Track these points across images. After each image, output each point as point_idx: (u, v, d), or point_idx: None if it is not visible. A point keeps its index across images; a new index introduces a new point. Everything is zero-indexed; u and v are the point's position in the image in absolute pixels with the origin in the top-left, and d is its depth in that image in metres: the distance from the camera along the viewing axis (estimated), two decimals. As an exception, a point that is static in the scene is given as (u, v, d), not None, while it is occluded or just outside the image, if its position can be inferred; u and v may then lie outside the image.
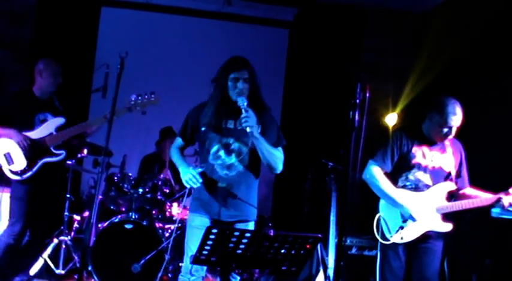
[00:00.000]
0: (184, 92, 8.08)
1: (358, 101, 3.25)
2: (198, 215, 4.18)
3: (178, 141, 4.44)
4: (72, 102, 7.42)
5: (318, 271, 6.37)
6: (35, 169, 5.20)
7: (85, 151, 6.43)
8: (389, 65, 8.36)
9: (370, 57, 8.51)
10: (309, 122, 8.38)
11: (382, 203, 4.70)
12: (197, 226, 4.11)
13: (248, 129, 3.95)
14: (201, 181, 4.08)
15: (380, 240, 4.64)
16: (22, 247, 5.42)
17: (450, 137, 4.58)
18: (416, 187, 4.61)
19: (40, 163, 5.23)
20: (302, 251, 3.34)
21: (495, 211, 5.26)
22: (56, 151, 5.31)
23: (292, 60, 8.81)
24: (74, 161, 6.32)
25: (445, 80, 6.83)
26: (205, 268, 4.18)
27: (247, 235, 3.21)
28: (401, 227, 4.55)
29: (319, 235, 3.34)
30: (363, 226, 7.14)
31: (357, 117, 3.25)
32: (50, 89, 5.45)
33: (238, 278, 4.20)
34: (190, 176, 4.06)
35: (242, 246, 3.23)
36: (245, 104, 4.00)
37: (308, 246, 3.30)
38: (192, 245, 4.09)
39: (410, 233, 4.55)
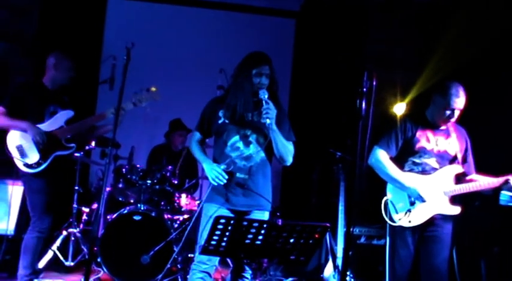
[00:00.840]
0: (192, 83, 8.10)
1: (365, 89, 3.24)
2: (214, 205, 4.21)
3: (197, 135, 4.47)
4: (79, 94, 7.48)
5: (327, 261, 6.38)
6: (48, 161, 5.19)
7: (93, 143, 6.45)
8: (396, 55, 8.32)
9: (376, 47, 8.47)
10: (316, 112, 8.37)
11: (389, 186, 4.73)
12: (213, 216, 4.11)
13: (268, 121, 4.01)
14: (227, 177, 4.12)
15: (388, 222, 4.67)
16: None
17: (453, 120, 4.61)
18: (424, 171, 4.64)
19: (53, 156, 5.22)
20: (310, 241, 3.34)
21: (503, 199, 5.27)
22: (67, 144, 5.32)
23: (299, 51, 8.79)
24: (82, 153, 6.33)
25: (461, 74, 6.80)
26: (218, 258, 4.20)
27: (256, 224, 3.21)
28: (409, 210, 4.57)
29: (327, 224, 3.34)
30: (372, 216, 7.13)
31: (363, 106, 3.23)
32: (62, 82, 5.43)
33: (250, 272, 4.19)
34: (216, 174, 4.11)
35: (250, 236, 3.23)
36: (266, 96, 4.07)
37: (316, 235, 3.30)
38: (204, 231, 4.15)
39: (418, 217, 4.57)
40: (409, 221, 4.57)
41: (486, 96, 6.31)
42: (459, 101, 4.51)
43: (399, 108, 7.53)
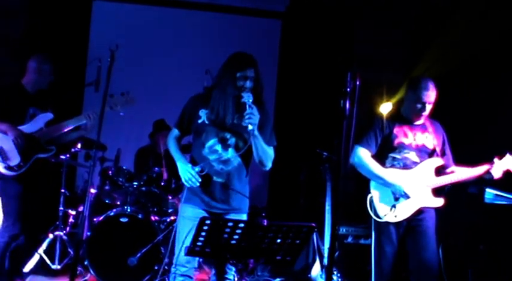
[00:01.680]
0: (178, 85, 8.09)
1: (348, 89, 3.25)
2: (190, 206, 4.16)
3: (175, 132, 4.40)
4: (64, 97, 7.46)
5: (314, 261, 6.39)
6: (28, 164, 5.14)
7: (79, 145, 6.43)
8: (382, 55, 8.36)
9: (362, 47, 8.50)
10: (303, 112, 8.40)
11: (372, 183, 4.77)
12: (189, 217, 4.09)
13: (250, 127, 3.95)
14: (200, 180, 4.07)
15: (374, 218, 4.70)
16: (19, 246, 5.39)
17: (425, 113, 4.70)
18: (405, 165, 4.71)
19: (33, 158, 5.17)
20: (297, 241, 3.35)
21: (488, 197, 5.31)
22: (47, 146, 5.26)
23: (285, 51, 8.80)
24: (67, 155, 6.31)
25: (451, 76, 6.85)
26: (197, 259, 4.18)
27: (241, 225, 3.21)
28: (394, 206, 4.63)
29: (313, 224, 3.34)
30: (358, 215, 7.16)
31: (348, 106, 3.24)
32: (42, 86, 5.40)
33: (234, 269, 4.19)
34: (190, 176, 4.07)
35: (236, 236, 3.23)
36: (250, 100, 4.00)
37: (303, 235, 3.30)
38: (182, 235, 4.09)
39: (403, 211, 4.63)
40: (395, 216, 4.63)
41: (478, 98, 6.36)
42: (429, 95, 4.60)
43: (385, 108, 7.56)
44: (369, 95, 7.31)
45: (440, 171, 4.79)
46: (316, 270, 6.29)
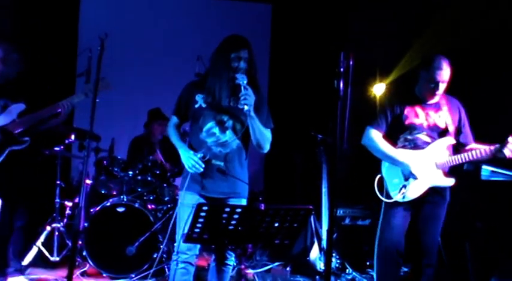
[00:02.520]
0: (170, 72, 8.06)
1: (342, 70, 3.22)
2: (189, 193, 4.14)
3: (174, 119, 4.38)
4: (57, 88, 7.42)
5: (312, 243, 6.41)
6: (2, 157, 4.99)
7: (72, 137, 6.39)
8: (375, 36, 8.32)
9: (356, 28, 8.47)
10: (296, 95, 8.39)
11: (384, 164, 4.76)
12: (189, 204, 4.07)
13: (246, 107, 3.93)
14: (203, 166, 4.06)
15: (384, 199, 4.69)
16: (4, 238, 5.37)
17: (438, 92, 4.63)
18: (416, 146, 4.67)
19: (6, 151, 5.01)
20: (295, 224, 3.34)
21: (485, 174, 5.30)
22: (21, 137, 5.09)
23: (277, 35, 8.78)
24: (62, 147, 6.27)
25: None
26: (198, 246, 4.15)
27: (238, 210, 3.20)
28: (404, 186, 4.61)
29: (310, 207, 3.33)
30: (355, 196, 7.18)
31: (341, 86, 3.22)
32: (11, 76, 5.22)
33: (233, 259, 4.18)
34: (193, 162, 4.05)
35: (233, 222, 3.22)
36: (245, 82, 3.99)
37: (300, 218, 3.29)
38: (181, 221, 4.09)
39: (413, 191, 4.61)
40: (403, 197, 4.61)
41: (479, 84, 6.31)
42: (442, 74, 4.54)
43: (378, 89, 7.57)
44: (363, 76, 7.34)
45: (457, 149, 4.75)
46: (314, 253, 6.31)
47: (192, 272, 4.14)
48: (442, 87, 4.60)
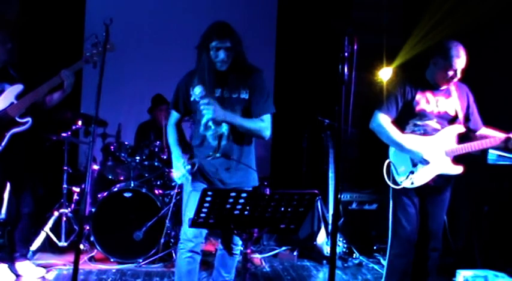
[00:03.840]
0: (175, 58, 8.00)
1: (346, 54, 3.20)
2: (194, 181, 4.09)
3: (174, 115, 4.31)
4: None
5: (319, 228, 6.42)
6: (4, 143, 4.99)
7: (79, 122, 6.41)
8: (381, 21, 8.29)
9: (361, 13, 8.43)
10: (303, 81, 8.37)
11: (391, 149, 4.73)
12: (194, 191, 4.05)
13: (208, 117, 3.88)
14: (190, 178, 4.04)
15: (391, 185, 4.68)
16: (9, 222, 5.41)
17: (455, 80, 4.59)
18: (425, 132, 4.64)
19: (8, 135, 5.02)
20: (300, 208, 3.34)
21: (491, 158, 5.29)
22: (21, 119, 5.06)
23: (283, 20, 8.74)
24: (69, 133, 6.29)
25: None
26: (204, 233, 4.13)
27: (244, 195, 3.20)
28: (412, 172, 4.60)
29: (316, 191, 3.33)
30: (362, 181, 7.19)
31: (346, 71, 3.20)
32: (2, 57, 5.15)
33: (240, 243, 4.18)
34: (180, 175, 4.04)
35: (239, 206, 3.22)
36: (203, 94, 3.89)
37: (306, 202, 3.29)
38: (188, 210, 4.04)
39: (420, 177, 4.59)
40: (412, 183, 4.60)
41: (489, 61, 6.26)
42: (460, 61, 4.49)
43: (385, 73, 7.53)
44: (370, 61, 7.31)
45: (466, 137, 4.72)
46: (321, 238, 6.33)
47: (198, 261, 4.14)
48: (459, 74, 4.58)
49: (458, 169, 4.62)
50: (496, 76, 6.16)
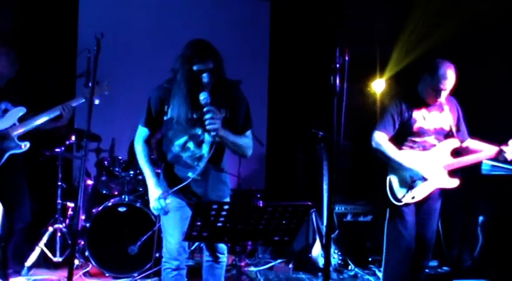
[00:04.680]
0: (169, 71, 8.02)
1: (338, 65, 3.21)
2: (171, 197, 3.99)
3: (143, 132, 4.15)
4: (58, 88, 7.42)
5: (314, 240, 6.41)
6: (1, 161, 5.03)
7: (73, 137, 6.41)
8: (374, 31, 8.32)
9: (354, 23, 8.46)
10: (297, 92, 8.36)
11: (390, 166, 4.75)
12: (172, 208, 3.98)
13: (212, 134, 3.74)
14: (168, 210, 3.94)
15: (393, 202, 4.70)
16: (2, 238, 5.39)
17: (440, 100, 4.66)
18: (424, 148, 4.74)
19: (6, 155, 5.06)
20: (294, 221, 3.33)
21: (485, 168, 5.33)
22: (20, 142, 5.11)
23: (276, 32, 8.76)
24: (62, 148, 6.28)
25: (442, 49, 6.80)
26: (186, 247, 4.07)
27: (237, 208, 3.20)
28: (411, 187, 4.66)
29: (309, 203, 3.32)
30: (356, 192, 7.18)
31: (338, 82, 3.21)
32: (8, 76, 5.23)
33: (226, 250, 4.14)
34: (158, 206, 3.91)
35: (232, 219, 3.22)
36: (208, 101, 3.73)
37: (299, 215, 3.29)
38: (169, 227, 4.01)
39: (420, 192, 4.68)
40: (413, 197, 4.68)
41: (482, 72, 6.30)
42: (447, 83, 4.55)
43: (378, 85, 7.57)
44: (361, 71, 7.32)
45: (456, 151, 4.82)
46: (316, 250, 6.31)
47: (184, 273, 4.10)
48: (444, 94, 4.63)
49: (455, 182, 4.72)
50: (496, 76, 6.20)
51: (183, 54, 3.86)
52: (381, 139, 4.68)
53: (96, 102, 4.92)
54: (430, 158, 4.67)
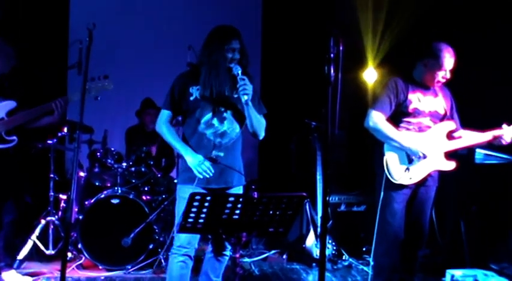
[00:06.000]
0: (161, 62, 8.02)
1: (332, 55, 3.19)
2: (188, 186, 4.07)
3: (165, 114, 4.26)
4: (49, 80, 7.37)
5: (308, 231, 6.41)
6: None
7: (65, 129, 6.36)
8: (365, 22, 8.28)
9: (344, 14, 8.43)
10: (290, 83, 8.35)
11: (386, 146, 4.73)
12: (185, 197, 4.00)
13: (245, 97, 3.96)
14: (213, 171, 4.04)
15: (392, 180, 4.66)
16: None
17: (444, 80, 4.70)
18: (420, 129, 4.74)
19: None
20: (289, 211, 3.32)
21: (478, 157, 5.34)
22: (8, 137, 5.03)
23: (268, 23, 8.75)
24: (55, 140, 6.24)
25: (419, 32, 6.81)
26: (198, 238, 4.13)
27: (232, 199, 3.18)
28: (408, 168, 4.65)
29: (304, 194, 3.31)
30: (350, 182, 7.19)
31: (332, 72, 3.19)
32: (4, 71, 5.14)
33: (230, 248, 4.15)
34: (205, 168, 4.01)
35: (227, 211, 3.20)
36: (240, 72, 4.02)
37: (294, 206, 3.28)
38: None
39: (417, 173, 4.66)
40: (410, 178, 4.66)
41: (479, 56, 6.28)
42: (452, 62, 4.62)
43: (369, 74, 7.58)
44: (352, 62, 7.31)
45: (448, 135, 4.84)
46: (310, 240, 6.31)
47: (190, 266, 4.13)
48: (449, 75, 4.66)
49: (451, 165, 4.75)
50: (495, 76, 6.19)
51: (212, 36, 4.17)
52: (378, 118, 4.67)
53: (98, 98, 4.88)
54: (427, 138, 4.68)
